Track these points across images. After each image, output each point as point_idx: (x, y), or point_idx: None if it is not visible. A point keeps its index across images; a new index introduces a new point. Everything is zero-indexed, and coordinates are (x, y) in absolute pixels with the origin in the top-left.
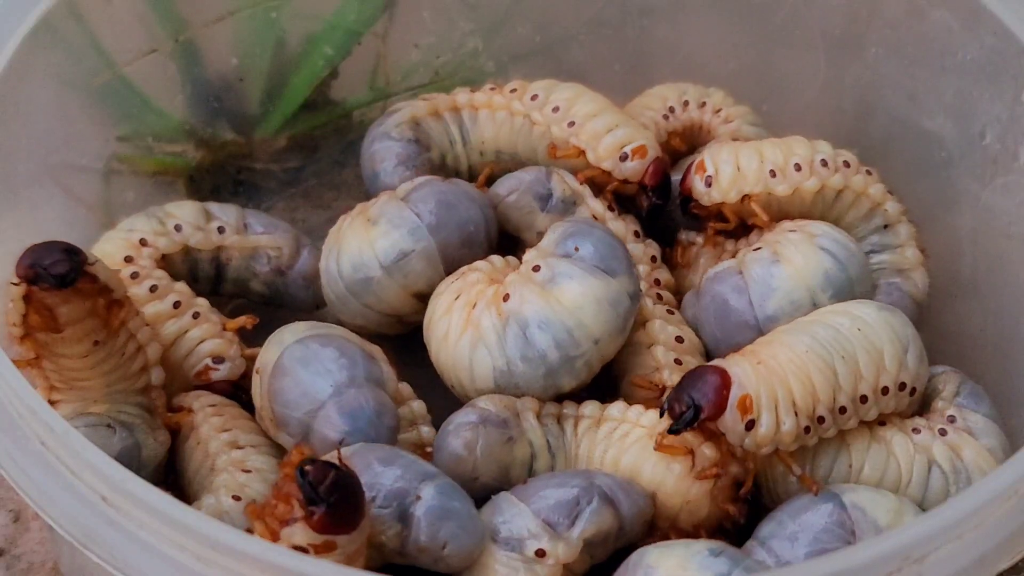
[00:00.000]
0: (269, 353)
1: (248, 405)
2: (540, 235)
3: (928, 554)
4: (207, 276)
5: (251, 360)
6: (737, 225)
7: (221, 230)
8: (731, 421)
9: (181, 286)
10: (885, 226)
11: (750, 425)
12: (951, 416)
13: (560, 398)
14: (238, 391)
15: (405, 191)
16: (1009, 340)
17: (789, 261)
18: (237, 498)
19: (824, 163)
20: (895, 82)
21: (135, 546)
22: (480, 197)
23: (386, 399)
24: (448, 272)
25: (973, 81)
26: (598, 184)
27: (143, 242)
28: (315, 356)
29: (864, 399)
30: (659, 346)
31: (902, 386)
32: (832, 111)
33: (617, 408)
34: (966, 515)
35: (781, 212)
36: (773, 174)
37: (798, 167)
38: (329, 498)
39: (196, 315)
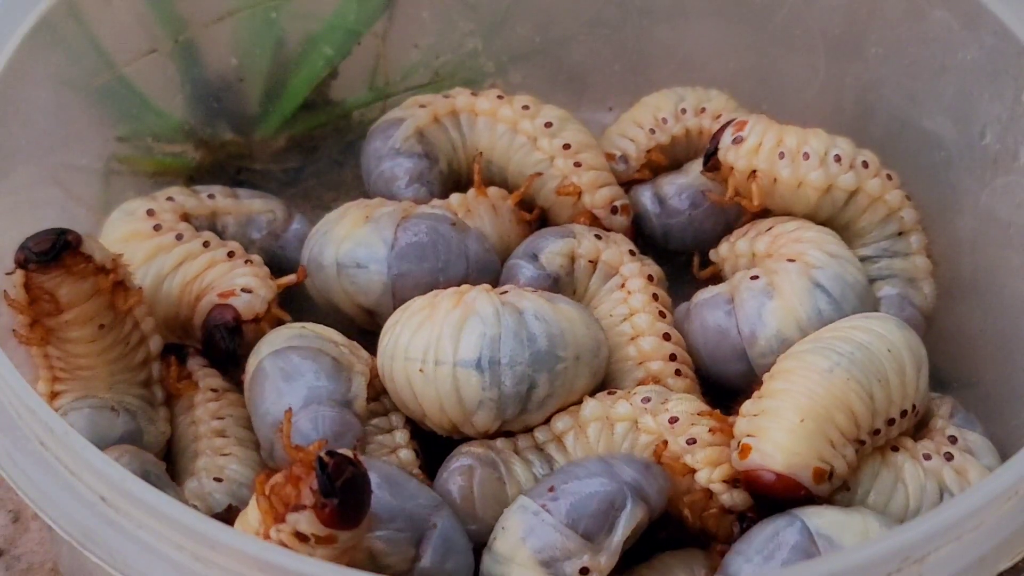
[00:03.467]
0: (250, 362)
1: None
2: None
3: (928, 554)
4: None
5: (276, 316)
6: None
7: (212, 197)
8: (820, 491)
9: (233, 243)
10: (899, 233)
11: (830, 475)
12: (952, 436)
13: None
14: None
15: (415, 211)
16: (1009, 340)
17: (782, 295)
18: (219, 480)
19: (837, 159)
20: (895, 82)
21: (134, 546)
22: (475, 246)
23: (348, 418)
24: (398, 303)
25: (973, 81)
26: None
27: (151, 212)
28: (284, 371)
29: (891, 422)
30: (655, 362)
31: (913, 408)
32: (832, 111)
33: (590, 408)
34: (966, 515)
35: (786, 207)
36: (782, 155)
37: (806, 156)
38: (343, 494)
39: (248, 262)
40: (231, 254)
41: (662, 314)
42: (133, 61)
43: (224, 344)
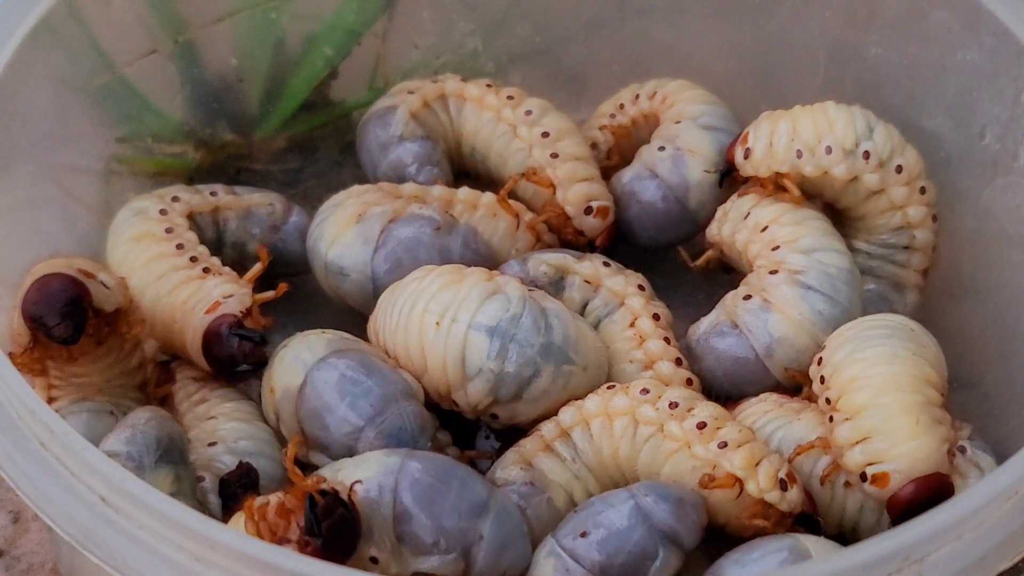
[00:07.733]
0: (289, 375)
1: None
2: None
3: (928, 554)
4: (211, 241)
5: (260, 301)
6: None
7: (213, 193)
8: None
9: (213, 259)
10: (906, 247)
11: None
12: (962, 447)
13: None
14: (242, 332)
15: (404, 213)
16: (1009, 340)
17: (781, 309)
18: (213, 444)
19: (866, 155)
20: (895, 82)
21: (134, 546)
22: (459, 248)
23: (424, 412)
24: None
25: (973, 81)
26: (553, 228)
27: (163, 212)
28: (344, 376)
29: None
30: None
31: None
32: None
33: (621, 400)
34: (966, 515)
35: (815, 190)
36: (800, 155)
37: (828, 150)
38: (328, 535)
39: (218, 274)
40: (207, 270)
41: (679, 361)
42: (133, 61)
43: (244, 343)
